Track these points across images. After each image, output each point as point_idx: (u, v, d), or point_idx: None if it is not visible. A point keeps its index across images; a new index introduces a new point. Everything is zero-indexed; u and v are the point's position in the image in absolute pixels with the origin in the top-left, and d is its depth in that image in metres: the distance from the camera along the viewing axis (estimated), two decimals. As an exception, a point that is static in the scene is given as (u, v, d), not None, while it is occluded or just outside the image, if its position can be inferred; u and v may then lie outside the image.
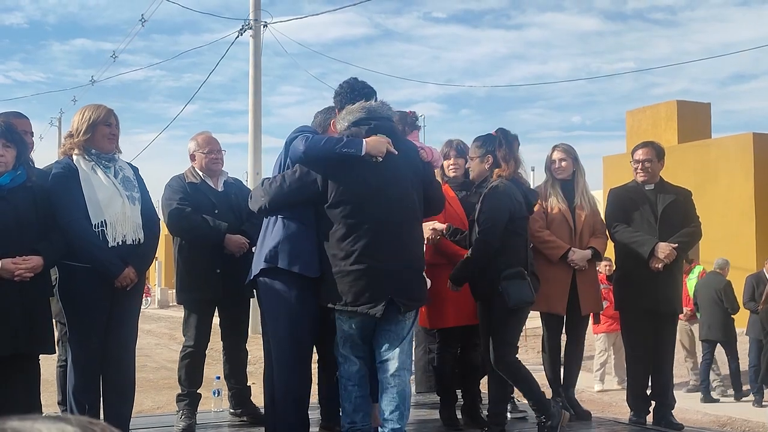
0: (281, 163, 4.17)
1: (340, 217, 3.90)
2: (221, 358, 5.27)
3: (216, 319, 5.09)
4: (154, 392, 10.40)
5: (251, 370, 5.76)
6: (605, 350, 10.56)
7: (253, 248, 5.02)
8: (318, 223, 3.98)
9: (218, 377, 5.48)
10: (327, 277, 3.91)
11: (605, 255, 5.67)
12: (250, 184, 15.68)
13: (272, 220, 4.08)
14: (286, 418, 4.05)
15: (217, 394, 5.57)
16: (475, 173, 4.75)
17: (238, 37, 18.27)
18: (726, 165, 15.67)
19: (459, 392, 5.14)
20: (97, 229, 4.06)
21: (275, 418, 4.12)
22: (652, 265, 5.18)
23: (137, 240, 4.19)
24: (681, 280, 5.73)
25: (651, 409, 5.42)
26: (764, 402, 9.58)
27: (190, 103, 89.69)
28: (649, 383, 5.46)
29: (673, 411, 5.39)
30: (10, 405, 3.81)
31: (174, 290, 5.19)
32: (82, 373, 4.13)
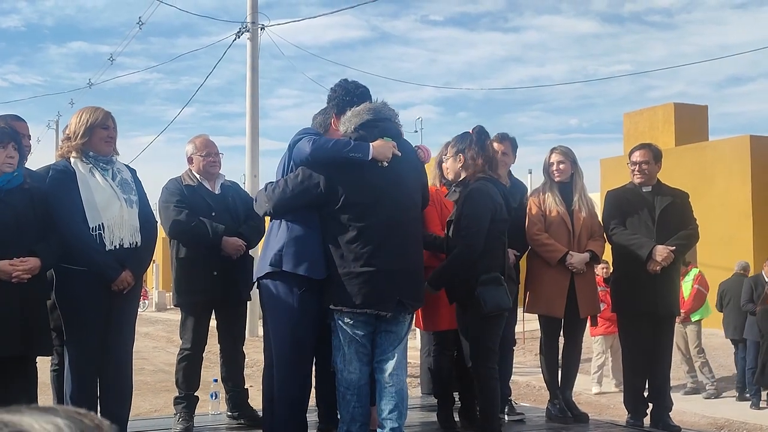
0: (285, 166, 4.15)
1: (349, 220, 3.90)
2: (218, 360, 5.27)
3: (213, 322, 5.09)
4: (151, 395, 10.38)
5: (249, 372, 5.76)
6: (603, 353, 10.56)
7: (250, 251, 5.05)
8: (323, 225, 3.97)
9: (216, 380, 5.47)
10: (334, 279, 3.91)
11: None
12: (248, 187, 15.70)
13: (276, 224, 4.09)
14: (284, 420, 4.05)
15: (214, 397, 5.56)
16: (450, 173, 4.61)
17: (235, 39, 18.27)
18: (723, 167, 15.68)
19: (456, 394, 5.14)
20: (94, 233, 4.06)
21: (273, 420, 4.12)
22: (649, 268, 5.18)
23: (134, 243, 4.19)
24: (678, 282, 5.73)
25: (648, 411, 5.43)
26: (762, 404, 9.58)
27: (188, 106, 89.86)
28: (647, 385, 5.47)
29: (670, 413, 5.40)
30: (8, 407, 3.79)
31: (171, 293, 5.18)
32: (79, 377, 4.12)
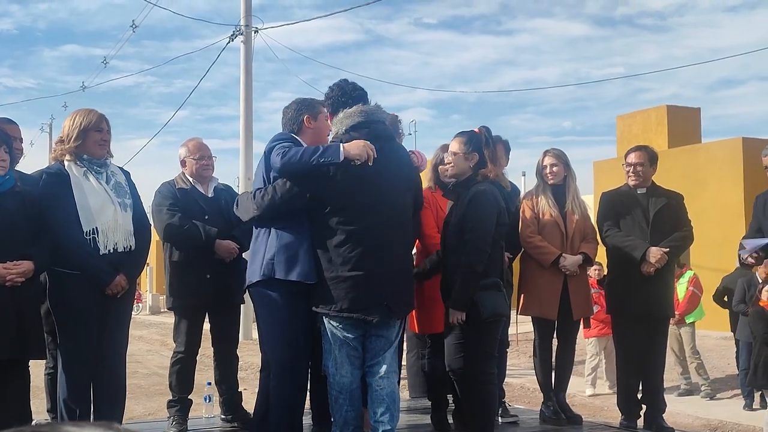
0: (264, 173, 4.09)
1: (337, 224, 3.88)
2: (212, 363, 5.26)
3: (207, 325, 5.09)
4: (145, 398, 10.33)
5: (242, 375, 5.75)
6: (596, 354, 10.57)
7: (244, 254, 5.04)
8: (312, 229, 3.96)
9: (209, 383, 5.46)
10: (322, 283, 3.90)
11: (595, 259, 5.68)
12: (241, 190, 15.65)
13: (263, 231, 4.06)
14: (279, 425, 4.04)
15: (208, 400, 5.55)
16: (456, 170, 4.38)
17: (229, 42, 18.21)
18: (716, 169, 15.72)
19: (450, 397, 5.14)
20: (88, 237, 4.05)
21: (268, 424, 4.10)
22: (643, 270, 5.19)
23: (128, 247, 4.18)
24: (672, 284, 5.75)
25: (642, 413, 5.44)
26: (755, 405, 9.60)
27: (182, 109, 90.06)
28: (640, 387, 5.48)
29: (663, 415, 5.41)
30: (0, 411, 3.78)
31: (165, 296, 5.17)
32: (73, 380, 4.11)
